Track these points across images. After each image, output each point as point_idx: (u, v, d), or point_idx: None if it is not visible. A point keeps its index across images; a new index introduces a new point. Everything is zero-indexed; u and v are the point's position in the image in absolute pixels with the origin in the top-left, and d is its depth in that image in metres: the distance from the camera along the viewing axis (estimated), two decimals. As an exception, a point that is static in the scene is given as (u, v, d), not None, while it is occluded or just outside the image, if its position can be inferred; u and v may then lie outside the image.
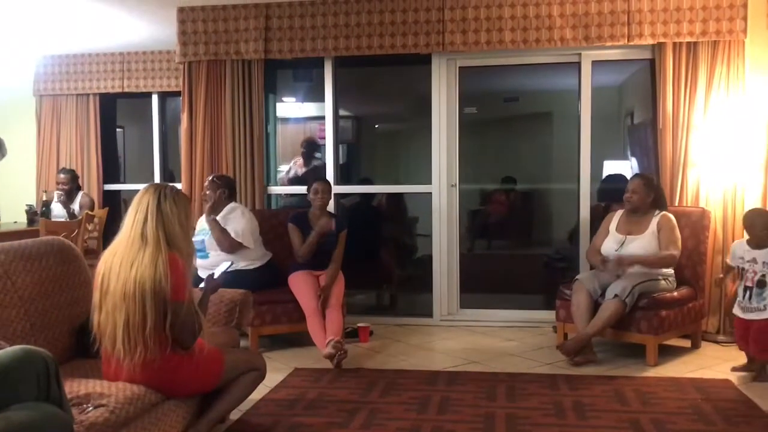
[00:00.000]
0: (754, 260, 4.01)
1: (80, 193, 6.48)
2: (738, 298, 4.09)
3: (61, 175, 6.41)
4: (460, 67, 5.47)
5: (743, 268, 4.07)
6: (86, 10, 5.38)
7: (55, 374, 2.11)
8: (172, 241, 2.75)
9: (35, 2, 5.10)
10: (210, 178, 4.92)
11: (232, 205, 4.84)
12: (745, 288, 4.04)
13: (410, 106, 7.15)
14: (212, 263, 4.47)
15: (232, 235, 4.67)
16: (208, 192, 4.80)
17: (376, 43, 5.27)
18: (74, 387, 2.48)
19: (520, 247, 7.46)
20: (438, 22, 5.18)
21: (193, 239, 4.70)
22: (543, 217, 7.34)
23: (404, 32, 5.23)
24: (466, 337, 5.15)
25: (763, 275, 3.96)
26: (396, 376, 4.11)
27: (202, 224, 4.84)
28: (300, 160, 6.43)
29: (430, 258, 5.68)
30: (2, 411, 1.89)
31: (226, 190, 4.81)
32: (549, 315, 5.08)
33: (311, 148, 6.42)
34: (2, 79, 7.10)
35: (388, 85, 7.03)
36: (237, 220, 4.74)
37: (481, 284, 6.21)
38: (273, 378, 3.92)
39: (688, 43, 4.91)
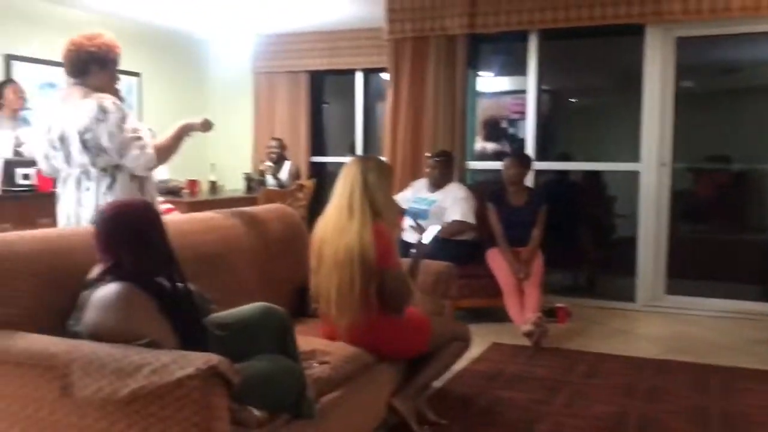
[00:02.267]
0: None
1: (287, 162, 6.92)
2: None
3: (272, 143, 6.91)
4: (677, 37, 5.11)
5: None
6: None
7: (290, 330, 2.30)
8: (377, 209, 2.85)
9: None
10: (432, 155, 5.10)
11: (452, 184, 5.04)
12: None
13: (613, 80, 6.81)
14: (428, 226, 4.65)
15: (460, 217, 4.84)
16: (428, 170, 5.02)
17: (586, 14, 5.07)
18: (299, 343, 2.67)
19: (732, 232, 6.86)
20: (655, -10, 4.87)
21: (413, 206, 4.92)
22: (760, 200, 6.69)
23: (616, 2, 4.99)
24: (672, 325, 4.88)
25: None
26: (598, 360, 4.00)
27: (416, 191, 5.06)
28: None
29: (630, 239, 5.42)
30: (247, 359, 2.10)
31: (447, 167, 5.02)
32: (766, 307, 4.66)
33: (495, 124, 6.40)
34: (226, 57, 7.76)
35: (591, 57, 6.73)
36: (461, 201, 4.90)
37: (689, 270, 5.81)
38: (471, 350, 3.94)
39: None
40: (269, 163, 6.66)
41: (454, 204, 4.87)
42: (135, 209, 2.05)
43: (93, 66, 2.96)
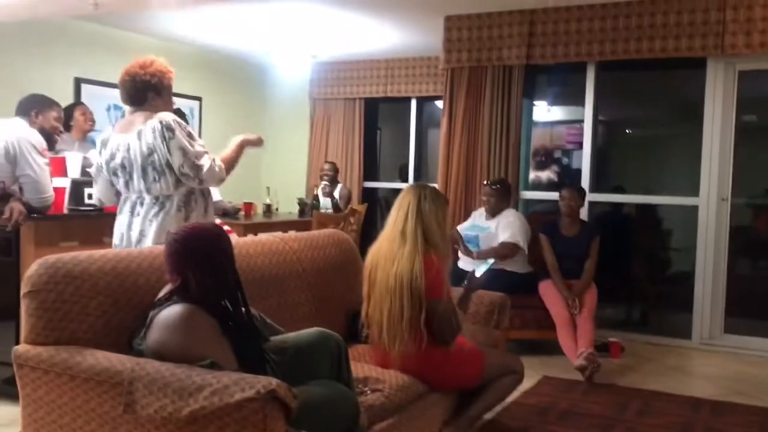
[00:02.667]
0: None
1: (339, 185, 6.98)
2: None
3: (326, 165, 6.99)
4: (739, 71, 5.03)
5: None
6: (357, 22, 5.81)
7: (345, 356, 2.32)
8: (429, 238, 2.85)
9: (311, 12, 5.59)
10: (489, 183, 5.11)
11: (507, 210, 5.02)
12: None
13: (671, 111, 6.71)
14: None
15: (508, 238, 4.82)
16: (485, 198, 5.03)
17: (645, 47, 5.02)
18: (353, 370, 2.69)
19: (794, 271, 6.65)
20: (717, 23, 4.80)
21: (466, 233, 4.94)
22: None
23: (677, 35, 4.93)
24: (730, 364, 4.74)
25: None
26: (652, 398, 3.91)
27: (475, 220, 5.07)
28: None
29: (686, 274, 5.29)
30: (303, 384, 2.13)
31: (503, 195, 5.01)
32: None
33: (549, 154, 6.37)
34: (284, 83, 7.94)
35: (649, 88, 6.66)
36: (512, 224, 4.88)
37: (749, 308, 5.64)
38: (522, 383, 3.91)
39: None
40: (326, 182, 6.75)
41: (505, 228, 4.86)
42: (206, 233, 2.11)
43: (149, 93, 3.06)
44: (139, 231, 3.03)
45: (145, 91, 3.04)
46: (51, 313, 2.12)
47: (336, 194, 6.80)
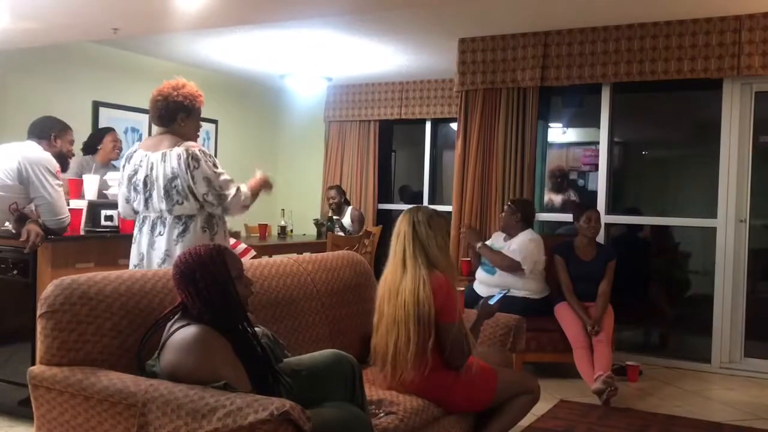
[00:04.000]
0: None
1: (349, 208, 6.97)
2: None
3: (331, 191, 7.01)
4: (756, 92, 5.01)
5: None
6: (372, 46, 5.86)
7: (360, 378, 2.31)
8: (432, 260, 2.80)
9: (326, 37, 5.66)
10: (509, 203, 5.07)
11: (526, 231, 4.89)
12: None
13: (688, 133, 6.67)
14: (497, 282, 4.60)
15: (509, 254, 4.74)
16: (502, 215, 5.00)
17: (660, 68, 5.02)
18: (367, 392, 2.67)
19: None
20: (733, 45, 4.80)
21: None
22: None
23: (693, 56, 4.92)
24: (751, 389, 4.66)
25: None
26: (670, 423, 3.84)
27: (493, 240, 5.04)
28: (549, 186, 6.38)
29: (704, 297, 5.23)
30: (316, 406, 2.11)
31: (519, 215, 4.90)
32: None
33: (564, 176, 6.35)
34: (299, 105, 8.00)
35: (665, 110, 6.63)
36: (522, 242, 4.78)
37: (769, 332, 5.56)
38: (539, 407, 3.83)
39: None
40: (332, 208, 6.79)
41: (514, 245, 4.80)
42: (208, 256, 2.10)
43: (180, 114, 3.12)
44: (164, 251, 3.05)
45: (177, 112, 3.11)
46: (66, 334, 2.13)
47: (347, 217, 6.81)
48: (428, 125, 7.52)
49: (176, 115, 3.11)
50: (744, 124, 5.03)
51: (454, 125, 6.49)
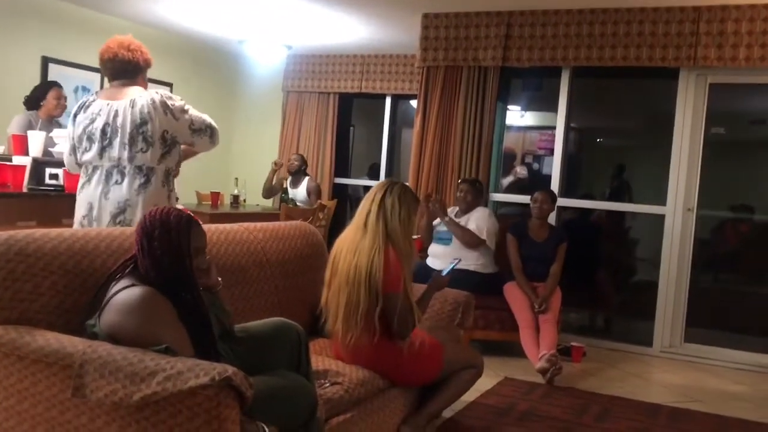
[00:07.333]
0: None
1: (306, 178, 6.87)
2: None
3: (293, 155, 6.91)
4: (710, 84, 5.09)
5: None
6: (334, 15, 5.76)
7: (306, 347, 2.28)
8: (390, 235, 2.84)
9: (287, 2, 5.52)
10: (465, 179, 5.17)
11: (480, 208, 5.06)
12: None
13: (643, 121, 6.78)
14: (452, 254, 4.65)
15: (475, 231, 4.85)
16: (461, 194, 5.05)
17: (620, 55, 5.06)
18: (313, 362, 2.65)
19: (754, 284, 6.76)
20: (691, 35, 4.86)
21: (438, 229, 4.97)
22: (783, 254, 6.57)
23: (652, 44, 4.98)
24: (688, 372, 4.79)
25: None
26: (611, 403, 3.93)
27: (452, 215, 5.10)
28: (517, 169, 6.43)
29: (650, 284, 5.34)
30: (261, 374, 2.08)
31: (476, 194, 5.06)
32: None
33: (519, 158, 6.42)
34: (257, 73, 7.85)
35: (622, 98, 6.72)
36: (482, 218, 4.93)
37: (708, 319, 5.72)
38: (483, 383, 3.89)
39: None
40: (286, 186, 6.72)
41: (474, 222, 4.91)
42: (175, 221, 2.05)
43: (141, 72, 3.14)
44: (125, 200, 2.97)
45: (143, 68, 3.16)
46: (1, 291, 2.04)
47: (302, 187, 6.72)
48: (388, 101, 7.47)
49: (137, 71, 3.13)
50: (697, 115, 5.12)
51: (414, 103, 6.46)
